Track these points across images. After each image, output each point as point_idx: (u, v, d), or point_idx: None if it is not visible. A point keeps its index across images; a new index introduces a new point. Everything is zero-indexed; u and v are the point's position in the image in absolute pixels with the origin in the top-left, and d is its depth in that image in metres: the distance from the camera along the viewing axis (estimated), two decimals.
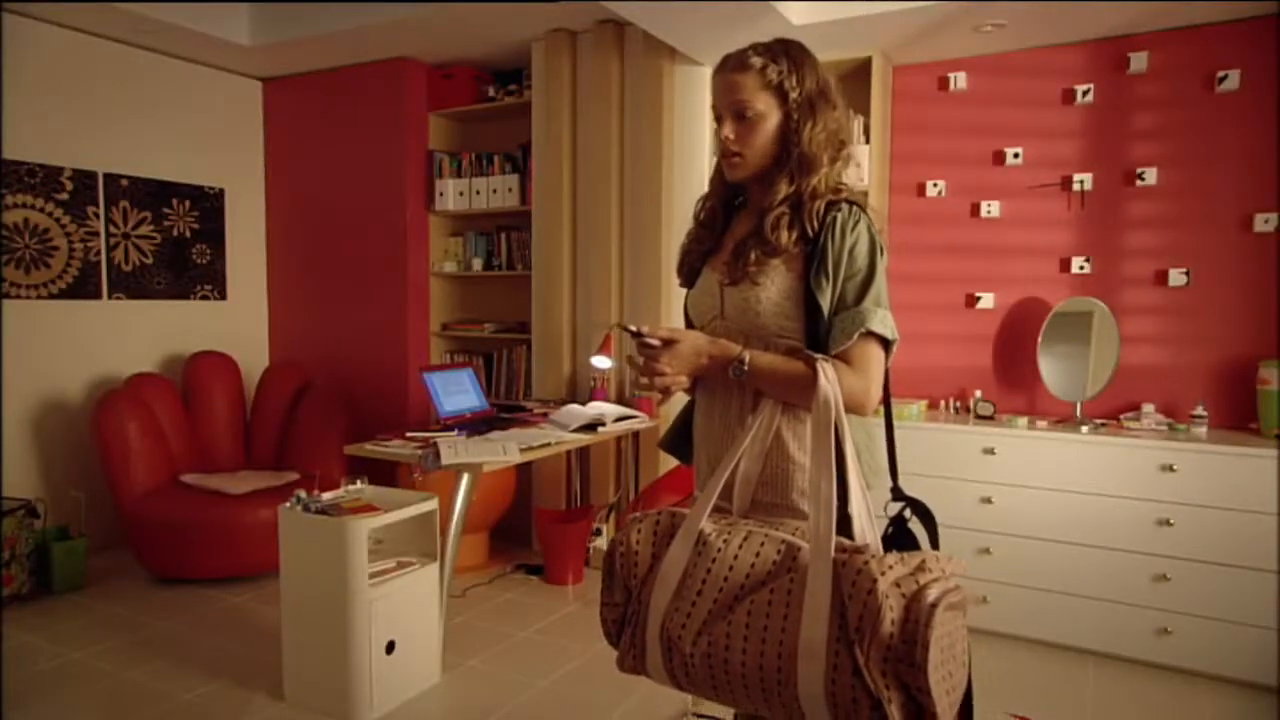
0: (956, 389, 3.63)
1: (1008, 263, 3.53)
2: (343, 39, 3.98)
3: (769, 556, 1.20)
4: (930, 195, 3.64)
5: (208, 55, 4.30)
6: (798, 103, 1.40)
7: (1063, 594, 3.06)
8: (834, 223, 1.35)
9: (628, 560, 1.31)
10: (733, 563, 1.21)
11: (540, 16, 3.69)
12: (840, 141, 1.44)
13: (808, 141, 1.40)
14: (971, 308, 3.60)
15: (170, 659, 2.93)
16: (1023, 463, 3.10)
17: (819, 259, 1.35)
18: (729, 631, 1.17)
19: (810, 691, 1.10)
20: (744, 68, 1.40)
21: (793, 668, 1.12)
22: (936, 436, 3.25)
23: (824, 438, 1.23)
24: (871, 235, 1.37)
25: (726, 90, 1.42)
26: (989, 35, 3.27)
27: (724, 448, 1.43)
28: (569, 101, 3.92)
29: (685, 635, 1.21)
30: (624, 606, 1.33)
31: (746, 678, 1.16)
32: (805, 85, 1.41)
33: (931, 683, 1.04)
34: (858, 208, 1.38)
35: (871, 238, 1.37)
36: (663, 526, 1.32)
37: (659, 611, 1.25)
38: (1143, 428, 3.08)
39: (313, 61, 4.40)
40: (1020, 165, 3.47)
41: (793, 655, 1.12)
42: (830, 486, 1.19)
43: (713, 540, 1.25)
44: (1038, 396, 3.45)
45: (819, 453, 1.22)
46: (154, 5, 3.67)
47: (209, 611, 3.37)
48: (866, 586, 1.08)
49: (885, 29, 3.20)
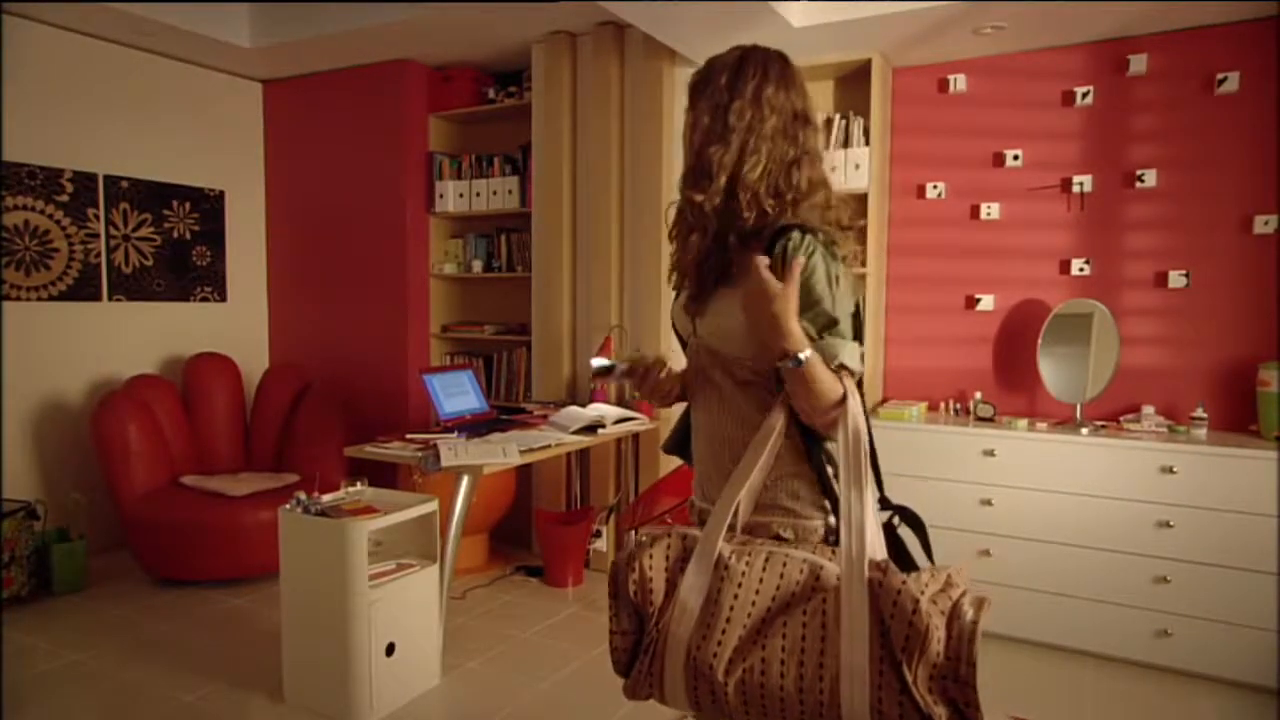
0: (956, 391, 3.63)
1: (1008, 264, 3.53)
2: (343, 41, 3.98)
3: (793, 577, 1.19)
4: (930, 197, 3.65)
5: (208, 57, 4.30)
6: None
7: (1063, 596, 3.05)
8: (782, 252, 1.29)
9: (642, 588, 1.28)
10: (758, 586, 1.20)
11: (540, 19, 3.69)
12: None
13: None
14: (971, 309, 3.61)
15: (170, 660, 2.93)
16: (1023, 464, 3.10)
17: None
18: (764, 657, 1.17)
19: (856, 712, 1.11)
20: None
21: (836, 689, 1.12)
22: (936, 438, 3.25)
23: (854, 460, 1.22)
24: (827, 261, 1.29)
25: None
26: (988, 37, 3.27)
27: (714, 466, 1.39)
28: (569, 103, 3.92)
29: (717, 664, 1.19)
30: (635, 634, 1.30)
31: (786, 702, 1.15)
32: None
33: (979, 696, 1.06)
34: (809, 233, 1.30)
35: (828, 263, 1.29)
36: (674, 550, 1.29)
37: (682, 642, 1.23)
38: (1143, 429, 3.08)
39: (313, 63, 4.41)
40: (1020, 167, 3.48)
41: (835, 677, 1.12)
42: (861, 508, 1.18)
43: (734, 565, 1.22)
44: (1038, 398, 3.46)
45: (850, 474, 1.21)
46: (155, 7, 3.67)
47: (209, 613, 3.37)
48: (909, 607, 1.09)
49: (885, 31, 3.20)
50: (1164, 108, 3.23)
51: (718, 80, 1.38)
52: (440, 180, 4.36)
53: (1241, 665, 2.80)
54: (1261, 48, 3.06)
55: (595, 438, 3.24)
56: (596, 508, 3.93)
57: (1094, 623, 3.01)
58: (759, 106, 1.35)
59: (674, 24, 3.15)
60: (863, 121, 3.48)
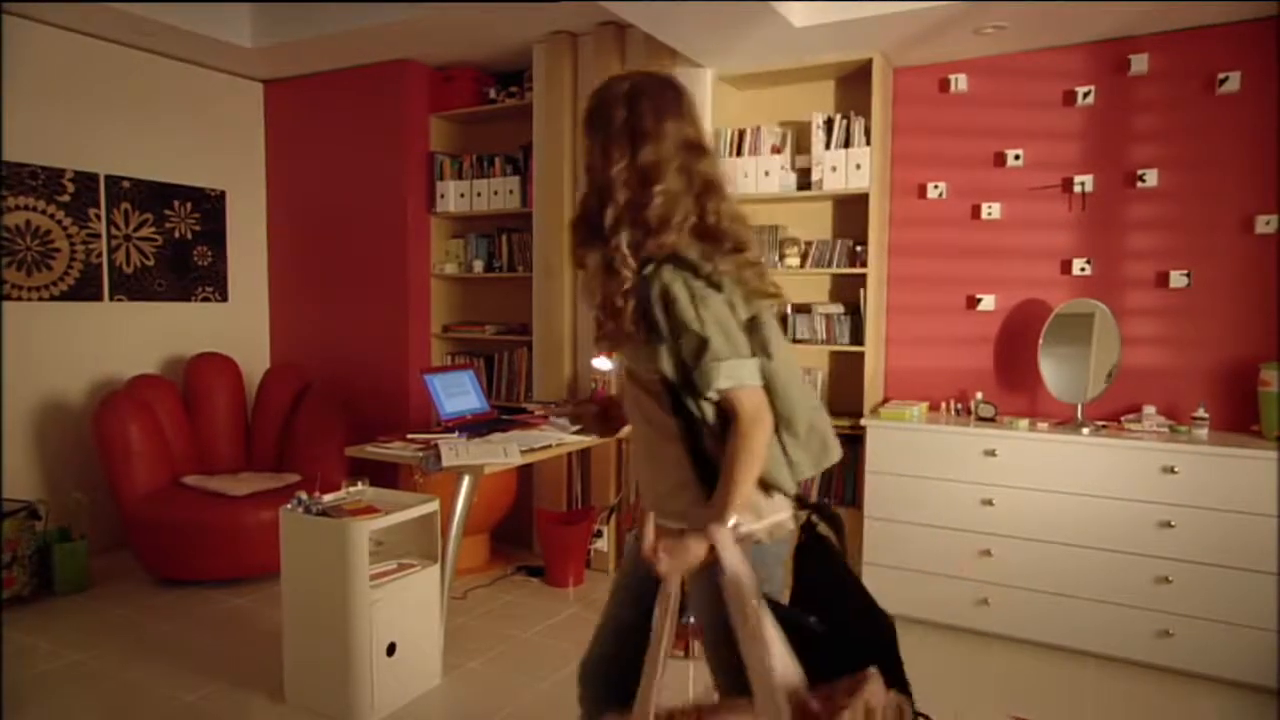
0: (958, 391, 3.63)
1: (1008, 264, 3.53)
2: (344, 41, 3.98)
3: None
4: (931, 197, 3.64)
5: (209, 57, 4.31)
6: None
7: (1064, 596, 3.05)
8: (647, 292, 1.37)
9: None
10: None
11: (541, 19, 3.69)
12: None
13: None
14: (972, 309, 3.60)
15: (171, 660, 2.93)
16: (1024, 464, 3.10)
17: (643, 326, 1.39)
18: None
19: None
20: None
21: None
22: (938, 439, 3.24)
23: (739, 611, 1.26)
24: (688, 284, 1.35)
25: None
26: (989, 37, 3.27)
27: (637, 462, 1.56)
28: (570, 103, 3.92)
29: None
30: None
31: None
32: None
33: None
34: (663, 264, 1.36)
35: (689, 286, 1.35)
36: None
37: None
38: (1144, 429, 3.07)
39: (313, 63, 4.41)
40: (1021, 167, 3.47)
41: None
42: (763, 667, 1.21)
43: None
44: (1039, 398, 3.45)
45: (742, 628, 1.25)
46: (157, 7, 3.68)
47: (210, 613, 3.37)
48: None
49: (886, 30, 3.20)
50: (1165, 107, 3.23)
51: (609, 112, 1.42)
52: (441, 180, 4.36)
53: (1242, 665, 2.79)
54: (1262, 48, 3.06)
55: (596, 438, 3.23)
56: (597, 508, 3.93)
57: (1095, 623, 3.01)
58: (647, 140, 1.39)
59: (675, 24, 3.14)
60: (864, 121, 3.47)
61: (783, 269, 3.70)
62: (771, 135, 3.66)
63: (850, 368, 3.68)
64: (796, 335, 3.70)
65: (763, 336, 1.40)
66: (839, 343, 3.61)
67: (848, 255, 3.60)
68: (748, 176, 3.65)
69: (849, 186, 3.48)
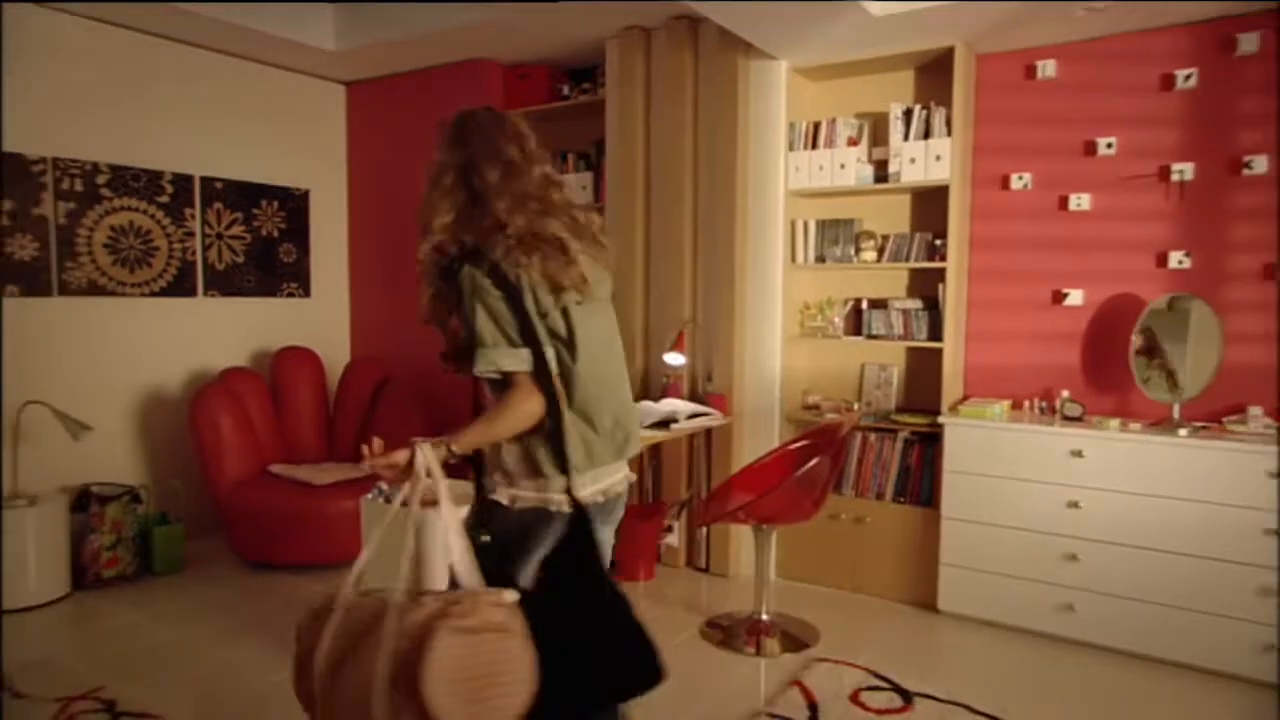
0: (1042, 389, 3.50)
1: (1098, 257, 3.38)
2: (421, 42, 4.07)
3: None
4: (1015, 188, 3.51)
5: (296, 61, 4.46)
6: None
7: (1158, 604, 2.91)
8: (458, 286, 1.68)
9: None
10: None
11: (614, 14, 3.70)
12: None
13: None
14: (1058, 304, 3.46)
15: (260, 642, 3.06)
16: (1114, 466, 2.97)
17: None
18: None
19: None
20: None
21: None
22: (1020, 438, 3.14)
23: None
24: (475, 284, 1.62)
25: None
26: (1081, 21, 3.13)
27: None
28: (643, 98, 3.92)
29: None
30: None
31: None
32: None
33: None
34: (464, 263, 1.67)
35: (474, 284, 1.62)
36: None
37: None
38: (1249, 431, 2.90)
39: (392, 65, 4.52)
40: (1113, 155, 3.32)
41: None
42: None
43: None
44: (1130, 397, 3.30)
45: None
46: (248, 13, 3.83)
47: (296, 597, 3.51)
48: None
49: (969, 17, 3.09)
50: (1276, 89, 3.03)
51: (440, 140, 1.81)
52: None
53: None
54: None
55: (668, 433, 3.24)
56: (668, 503, 3.94)
57: (1194, 634, 2.86)
58: (461, 166, 1.78)
59: (752, 18, 3.11)
60: (944, 111, 3.37)
61: (858, 263, 3.62)
62: (848, 127, 3.59)
63: (928, 364, 3.59)
64: (872, 331, 3.62)
65: (563, 326, 1.62)
66: (916, 338, 3.52)
67: (926, 249, 3.50)
68: (823, 169, 3.59)
69: (928, 178, 3.38)
